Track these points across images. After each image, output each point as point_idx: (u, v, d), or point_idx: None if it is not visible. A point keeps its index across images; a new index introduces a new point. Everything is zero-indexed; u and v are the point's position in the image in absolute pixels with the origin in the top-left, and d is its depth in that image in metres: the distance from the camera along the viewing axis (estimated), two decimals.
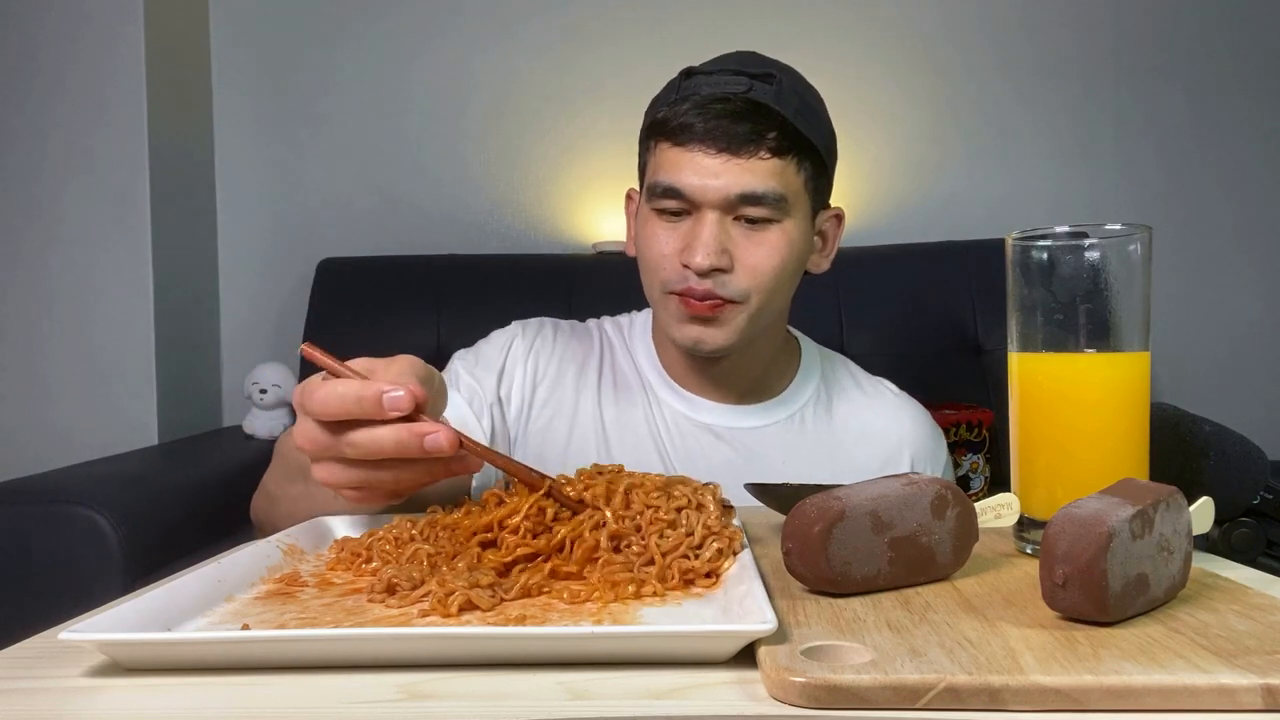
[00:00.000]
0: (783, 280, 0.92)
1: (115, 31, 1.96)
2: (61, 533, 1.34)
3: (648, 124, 0.94)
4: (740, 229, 0.89)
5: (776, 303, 0.94)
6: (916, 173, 2.23)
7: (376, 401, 0.56)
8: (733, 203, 0.88)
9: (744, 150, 0.87)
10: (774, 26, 2.19)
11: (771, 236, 0.89)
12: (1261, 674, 0.38)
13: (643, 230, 0.94)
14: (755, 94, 0.87)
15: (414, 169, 2.23)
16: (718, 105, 0.87)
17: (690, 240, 0.89)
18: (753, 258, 0.89)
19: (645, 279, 0.95)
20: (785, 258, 0.90)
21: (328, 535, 0.64)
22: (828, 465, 0.99)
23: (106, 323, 1.99)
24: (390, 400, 0.56)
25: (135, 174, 1.98)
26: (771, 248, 0.89)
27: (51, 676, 0.42)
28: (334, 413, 0.56)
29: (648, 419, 0.99)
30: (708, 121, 0.87)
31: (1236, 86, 2.22)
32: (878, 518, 0.50)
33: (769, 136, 0.87)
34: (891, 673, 0.38)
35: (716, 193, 0.87)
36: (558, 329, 1.05)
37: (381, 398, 0.56)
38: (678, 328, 0.92)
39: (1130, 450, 0.59)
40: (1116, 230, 0.59)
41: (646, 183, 0.93)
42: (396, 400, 0.56)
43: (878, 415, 1.03)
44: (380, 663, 0.42)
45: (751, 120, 0.87)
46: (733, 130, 0.86)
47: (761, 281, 0.90)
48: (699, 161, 0.87)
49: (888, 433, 1.02)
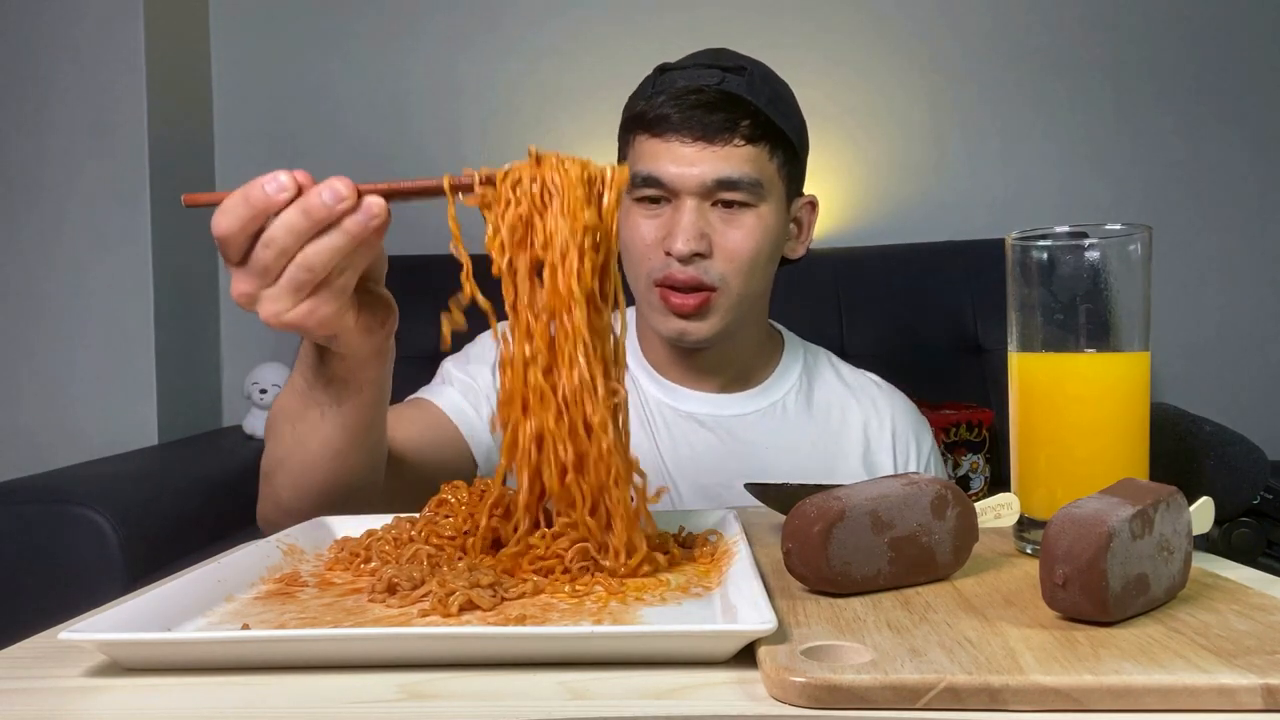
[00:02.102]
0: (760, 264, 0.94)
1: (115, 31, 1.96)
2: (61, 533, 1.34)
3: (625, 118, 0.97)
4: (718, 214, 0.92)
5: (755, 287, 0.96)
6: (916, 173, 2.23)
7: (260, 190, 0.57)
8: (710, 189, 0.91)
9: (719, 138, 0.90)
10: (774, 27, 2.19)
11: (748, 220, 0.92)
12: (1261, 674, 0.38)
13: (624, 221, 0.96)
14: (728, 85, 0.91)
15: (414, 169, 2.23)
16: (692, 96, 0.91)
17: (670, 228, 0.91)
18: (731, 242, 0.92)
19: (629, 270, 0.97)
20: (761, 241, 0.93)
21: (328, 535, 0.64)
22: (810, 452, 1.01)
23: (106, 323, 1.98)
24: (271, 182, 0.57)
25: (135, 174, 1.98)
26: (748, 231, 0.92)
27: (51, 676, 0.42)
28: (231, 223, 0.57)
29: (636, 408, 1.00)
30: (683, 112, 0.90)
31: (1237, 86, 2.22)
32: (878, 518, 0.50)
33: (742, 124, 0.91)
34: (891, 673, 0.38)
35: (694, 179, 0.90)
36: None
37: (262, 185, 0.57)
38: (662, 320, 0.95)
39: (1130, 450, 0.59)
40: (1116, 230, 0.59)
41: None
42: (276, 179, 0.57)
43: (859, 402, 1.05)
44: (380, 663, 0.42)
45: (725, 110, 0.90)
46: (707, 119, 0.90)
47: (739, 265, 0.93)
48: (676, 150, 0.91)
49: (868, 419, 1.04)
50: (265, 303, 0.59)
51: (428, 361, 1.03)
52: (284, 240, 0.57)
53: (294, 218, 0.57)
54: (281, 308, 0.59)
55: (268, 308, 0.59)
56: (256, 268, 0.58)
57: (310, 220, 0.57)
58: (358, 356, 0.67)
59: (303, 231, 0.57)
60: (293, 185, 0.57)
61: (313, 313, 0.60)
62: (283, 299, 0.59)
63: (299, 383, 0.71)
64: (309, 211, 0.57)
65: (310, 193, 0.57)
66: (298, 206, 0.57)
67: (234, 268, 0.59)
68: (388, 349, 0.70)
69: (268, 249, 0.58)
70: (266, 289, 0.59)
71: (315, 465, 0.72)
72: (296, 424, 0.72)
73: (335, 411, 0.70)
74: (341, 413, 0.70)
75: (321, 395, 0.70)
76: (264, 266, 0.58)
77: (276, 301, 0.59)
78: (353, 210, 0.58)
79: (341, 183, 0.57)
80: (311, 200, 0.57)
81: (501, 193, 0.58)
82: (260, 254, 0.58)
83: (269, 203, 0.57)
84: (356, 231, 0.58)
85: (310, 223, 0.57)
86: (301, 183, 0.58)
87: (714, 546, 0.60)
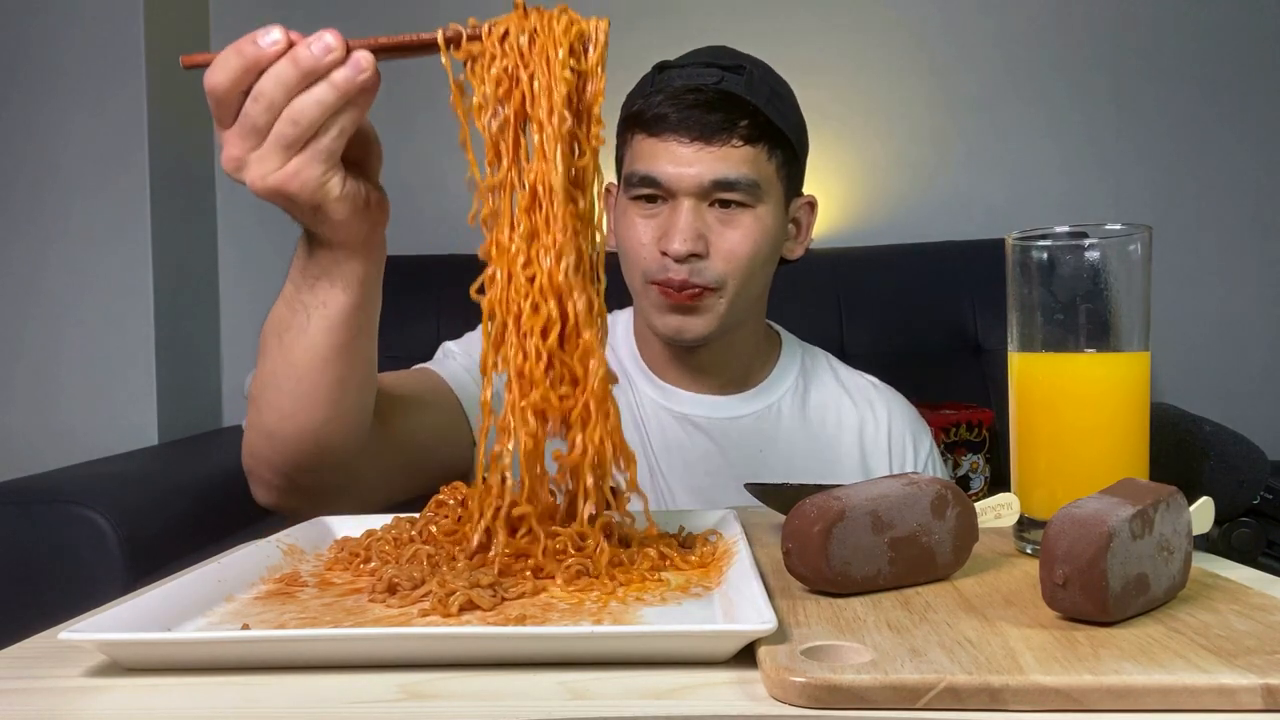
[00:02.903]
0: (758, 265, 0.94)
1: (115, 31, 1.96)
2: (61, 533, 1.34)
3: (623, 117, 0.96)
4: (715, 215, 0.92)
5: (753, 288, 0.96)
6: (916, 173, 2.23)
7: (252, 43, 0.58)
8: (707, 189, 0.90)
9: (717, 138, 0.89)
10: (773, 27, 2.19)
11: (746, 221, 0.92)
12: (1261, 674, 0.38)
13: (621, 220, 0.96)
14: (727, 84, 0.91)
15: (414, 168, 2.23)
16: (690, 95, 0.90)
17: (667, 228, 0.91)
18: (728, 243, 0.92)
19: (626, 270, 0.97)
20: (760, 242, 0.93)
21: (328, 535, 0.64)
22: (806, 454, 1.00)
23: (106, 323, 1.98)
24: (264, 35, 0.58)
25: (135, 174, 1.97)
26: (746, 232, 0.92)
27: (51, 676, 0.42)
28: (225, 76, 0.59)
29: (630, 410, 1.00)
30: (681, 111, 0.90)
31: (1237, 86, 2.22)
32: (878, 518, 0.50)
33: (741, 125, 0.90)
34: (891, 673, 0.38)
35: (691, 180, 0.90)
36: None
37: (255, 39, 0.58)
38: (659, 317, 0.94)
39: (1130, 450, 0.59)
40: (1116, 230, 0.59)
41: (624, 174, 0.96)
42: (268, 31, 0.58)
43: (855, 404, 1.05)
44: (380, 663, 0.42)
45: (724, 109, 0.90)
46: (706, 119, 0.89)
47: (737, 266, 0.92)
48: (674, 150, 0.90)
49: (864, 422, 1.04)
50: (252, 165, 0.60)
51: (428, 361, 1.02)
52: (272, 92, 0.58)
53: (283, 68, 0.58)
54: (268, 168, 0.60)
55: (254, 170, 0.60)
56: (246, 125, 0.59)
57: (299, 70, 0.58)
58: (346, 243, 0.66)
59: (291, 84, 0.58)
60: (284, 39, 0.59)
61: (298, 174, 0.60)
62: (269, 159, 0.60)
63: (288, 289, 0.70)
64: (297, 62, 0.58)
65: (299, 45, 0.59)
66: (287, 58, 0.58)
67: (225, 132, 0.61)
68: (378, 243, 0.69)
69: (256, 103, 0.59)
70: (254, 151, 0.60)
71: (301, 377, 0.70)
72: (284, 334, 0.70)
73: (322, 314, 0.68)
74: (328, 315, 0.68)
75: (309, 296, 0.68)
76: (253, 123, 0.59)
77: (263, 163, 0.60)
78: (341, 63, 0.59)
79: (331, 35, 0.59)
80: (300, 52, 0.58)
81: (487, 46, 0.59)
82: (249, 109, 0.59)
83: (260, 55, 0.58)
84: (344, 85, 0.59)
85: (299, 73, 0.58)
86: (293, 39, 0.59)
87: (714, 546, 0.59)
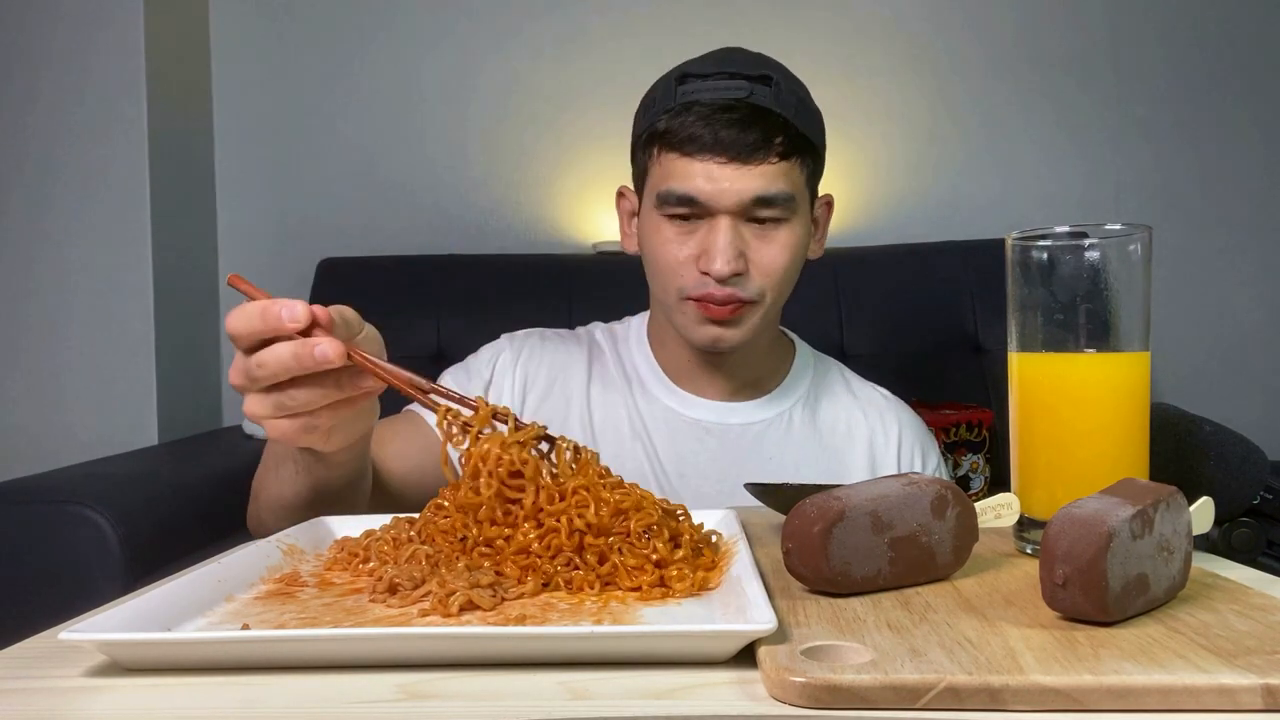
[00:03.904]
0: (792, 274, 0.95)
1: (115, 31, 1.96)
2: (61, 533, 1.34)
3: (647, 131, 0.94)
4: (752, 230, 0.91)
5: (786, 296, 0.97)
6: (916, 173, 2.23)
7: (277, 311, 0.60)
8: (747, 207, 0.90)
9: (754, 157, 0.88)
10: (772, 27, 2.19)
11: (782, 235, 0.92)
12: (1261, 674, 0.38)
13: (653, 237, 0.94)
14: (756, 98, 0.89)
15: (414, 168, 2.23)
16: (723, 115, 0.88)
17: (707, 246, 0.90)
18: (766, 258, 0.92)
19: (658, 284, 0.96)
20: (795, 254, 0.93)
21: (328, 535, 0.64)
22: (815, 463, 1.00)
23: (106, 323, 1.98)
24: (288, 311, 0.60)
25: (135, 174, 1.97)
26: (782, 246, 0.92)
27: (51, 676, 0.42)
28: (243, 328, 0.61)
29: (631, 419, 1.00)
30: (716, 131, 0.88)
31: (1237, 86, 2.22)
32: (878, 518, 0.50)
33: (776, 142, 0.89)
34: (891, 673, 0.38)
35: (731, 198, 0.89)
36: (544, 339, 1.06)
37: (281, 308, 0.60)
38: (696, 330, 0.94)
39: (1130, 450, 0.59)
40: (1116, 230, 0.59)
41: (654, 191, 0.93)
42: (293, 310, 0.60)
43: (865, 415, 1.05)
44: (380, 663, 0.42)
45: (759, 127, 0.88)
46: (742, 139, 0.88)
47: (775, 279, 0.93)
48: (710, 170, 0.89)
49: (874, 434, 1.04)
50: (249, 401, 0.63)
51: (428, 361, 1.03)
52: (273, 368, 0.60)
53: (285, 354, 0.60)
54: (261, 413, 0.63)
55: (250, 406, 0.63)
56: (248, 372, 0.62)
57: (299, 364, 0.60)
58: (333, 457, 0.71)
59: (289, 370, 0.60)
60: (306, 320, 0.60)
61: (286, 433, 0.64)
62: (264, 407, 0.63)
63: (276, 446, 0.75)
64: (299, 357, 0.60)
65: (308, 341, 0.60)
66: (293, 347, 0.60)
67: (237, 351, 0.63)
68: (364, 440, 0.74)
69: (260, 366, 0.61)
70: (254, 392, 0.63)
71: (293, 508, 0.76)
72: (277, 468, 0.76)
73: (307, 475, 0.74)
74: (314, 476, 0.73)
75: (299, 455, 0.73)
76: (253, 375, 0.61)
77: (259, 406, 0.63)
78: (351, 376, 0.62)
79: (334, 345, 0.60)
80: (304, 348, 0.60)
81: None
82: (252, 365, 0.61)
83: (279, 328, 0.60)
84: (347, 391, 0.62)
85: (298, 366, 0.60)
86: (319, 319, 0.61)
87: (714, 546, 0.59)
